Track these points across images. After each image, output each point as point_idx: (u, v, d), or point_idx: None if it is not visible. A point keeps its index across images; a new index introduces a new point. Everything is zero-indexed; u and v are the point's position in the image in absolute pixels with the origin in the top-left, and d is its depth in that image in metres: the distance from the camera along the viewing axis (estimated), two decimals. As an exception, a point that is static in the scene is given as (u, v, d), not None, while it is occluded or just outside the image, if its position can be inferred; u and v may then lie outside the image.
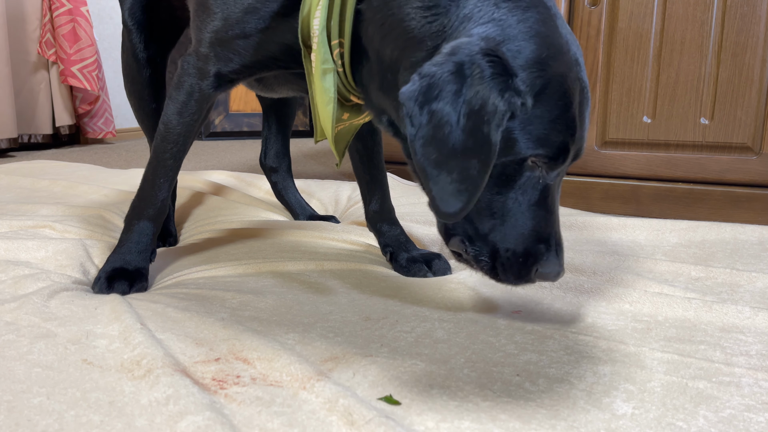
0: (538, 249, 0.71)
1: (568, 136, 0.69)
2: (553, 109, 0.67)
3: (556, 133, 0.68)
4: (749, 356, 0.76)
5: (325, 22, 0.79)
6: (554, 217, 0.73)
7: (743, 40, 1.48)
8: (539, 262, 0.71)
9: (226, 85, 0.96)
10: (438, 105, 0.64)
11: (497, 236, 0.72)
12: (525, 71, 0.66)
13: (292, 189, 1.51)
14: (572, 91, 0.69)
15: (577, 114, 0.70)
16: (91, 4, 3.43)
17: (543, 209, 0.72)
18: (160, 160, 1.00)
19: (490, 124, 0.64)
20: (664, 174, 1.60)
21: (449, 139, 0.64)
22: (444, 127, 0.64)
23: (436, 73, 0.65)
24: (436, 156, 0.65)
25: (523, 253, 0.71)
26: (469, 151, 0.64)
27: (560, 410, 0.63)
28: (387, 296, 0.95)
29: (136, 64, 1.21)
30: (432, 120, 0.64)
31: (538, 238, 0.71)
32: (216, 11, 0.89)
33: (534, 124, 0.68)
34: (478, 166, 0.64)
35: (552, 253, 0.71)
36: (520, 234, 0.71)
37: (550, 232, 0.72)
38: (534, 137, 0.67)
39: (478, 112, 0.64)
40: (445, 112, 0.64)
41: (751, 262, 1.12)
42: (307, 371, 0.69)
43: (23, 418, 0.60)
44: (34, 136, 3.19)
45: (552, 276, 0.72)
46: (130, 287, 0.96)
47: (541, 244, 0.71)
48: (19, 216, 1.38)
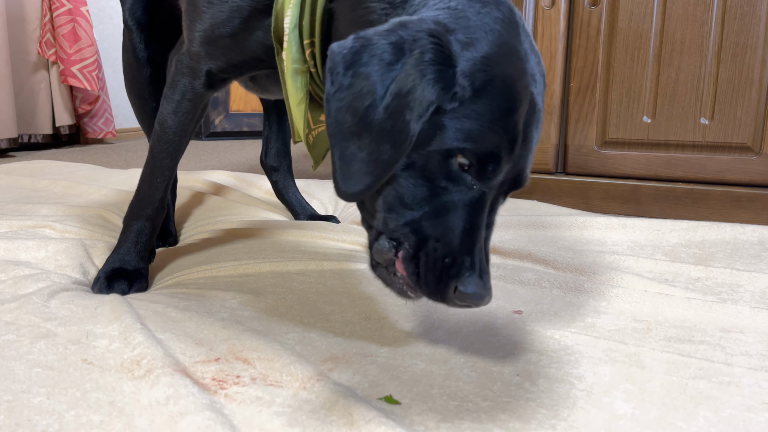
0: (461, 260, 0.63)
1: (504, 144, 0.63)
2: (493, 110, 0.62)
3: (491, 134, 0.62)
4: (749, 356, 0.76)
5: (297, 21, 0.78)
6: (479, 236, 0.64)
7: (743, 40, 1.48)
8: (460, 277, 0.62)
9: (218, 84, 0.97)
10: (366, 70, 0.60)
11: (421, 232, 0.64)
12: (469, 63, 0.62)
13: (292, 188, 1.51)
14: (519, 99, 0.64)
15: (520, 126, 0.64)
16: (91, 4, 3.43)
17: (472, 219, 0.64)
18: (156, 159, 1.00)
19: (413, 112, 0.60)
20: (664, 174, 1.60)
21: (368, 112, 0.60)
22: (365, 97, 0.60)
23: (375, 39, 0.61)
24: (349, 126, 0.61)
25: (443, 259, 0.63)
26: (386, 134, 0.60)
27: (560, 410, 0.63)
28: (387, 296, 0.95)
29: (137, 63, 1.21)
30: (355, 85, 0.61)
31: (463, 248, 0.63)
32: (204, 11, 0.89)
33: (469, 118, 0.62)
34: (390, 151, 0.60)
35: (475, 273, 0.62)
36: (444, 234, 0.63)
37: (473, 250, 0.63)
38: (465, 131, 0.62)
39: (406, 96, 0.60)
40: (372, 81, 0.60)
41: (751, 262, 1.12)
42: (307, 371, 0.69)
43: (23, 418, 0.60)
44: (34, 136, 3.19)
45: (473, 298, 0.62)
46: (130, 287, 0.97)
47: (466, 257, 0.63)
48: (19, 216, 1.38)
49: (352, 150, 0.61)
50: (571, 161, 1.69)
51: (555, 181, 1.71)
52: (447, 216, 0.64)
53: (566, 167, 1.70)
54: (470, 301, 0.63)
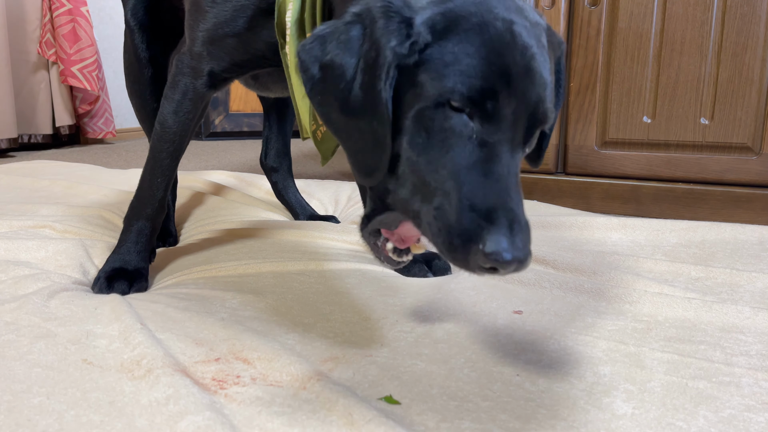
0: (477, 223, 0.55)
1: (494, 75, 0.57)
2: (467, 45, 0.58)
3: (474, 68, 0.57)
4: (749, 356, 0.76)
5: (299, 14, 0.78)
6: (502, 186, 0.57)
7: (743, 40, 1.48)
8: (479, 240, 0.55)
9: (219, 84, 0.97)
10: (331, 58, 0.60)
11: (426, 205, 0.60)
12: (426, 13, 0.59)
13: (292, 189, 1.51)
14: (495, 31, 0.59)
15: (508, 56, 0.58)
16: (91, 4, 3.43)
17: (483, 173, 0.58)
18: (156, 159, 1.00)
19: (381, 80, 0.58)
20: (664, 174, 1.60)
21: (345, 97, 0.60)
22: (338, 83, 0.60)
23: (332, 27, 0.61)
24: (337, 116, 0.61)
25: (456, 227, 0.56)
26: (369, 111, 0.59)
27: (560, 410, 0.63)
28: (387, 296, 0.95)
29: (138, 63, 1.21)
30: (326, 76, 0.60)
31: (477, 209, 0.56)
32: (208, 10, 0.90)
33: (443, 62, 0.58)
34: (379, 127, 0.59)
35: (500, 229, 0.54)
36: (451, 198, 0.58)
37: (495, 203, 0.56)
38: (445, 75, 0.58)
39: (372, 67, 0.59)
40: (339, 66, 0.60)
41: (751, 262, 1.12)
42: (307, 371, 0.69)
43: (23, 418, 0.60)
44: (34, 136, 3.19)
45: (498, 258, 0.54)
46: (130, 287, 0.97)
47: (482, 219, 0.56)
48: (19, 216, 1.38)
49: (351, 137, 0.61)
50: (571, 161, 1.69)
51: (555, 181, 1.71)
52: (458, 173, 0.58)
53: (566, 167, 1.70)
54: (496, 263, 0.54)
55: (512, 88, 0.59)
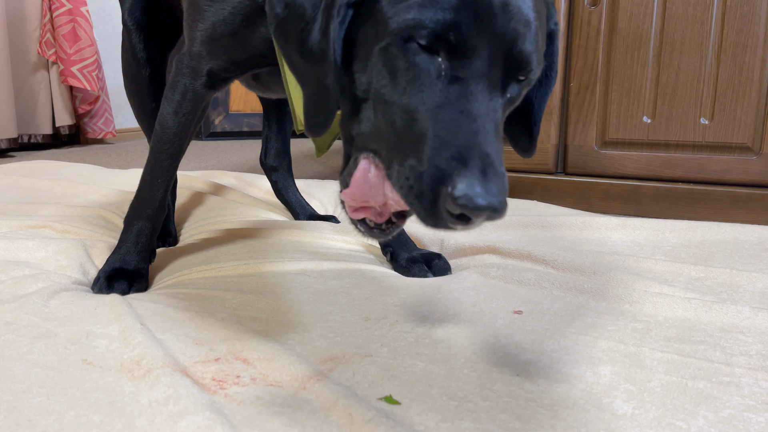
0: (447, 164, 0.51)
1: (461, 7, 0.53)
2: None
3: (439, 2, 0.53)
4: (749, 356, 0.76)
5: None
6: (477, 126, 0.52)
7: (743, 40, 1.48)
8: (449, 182, 0.50)
9: (219, 84, 0.97)
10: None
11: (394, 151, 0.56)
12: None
13: (292, 188, 1.51)
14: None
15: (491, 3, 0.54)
16: (91, 4, 3.43)
17: (456, 111, 0.53)
18: (157, 160, 1.01)
19: (333, 16, 0.56)
20: (664, 174, 1.60)
21: (305, 38, 0.58)
22: (299, 22, 0.58)
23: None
24: (297, 59, 0.59)
25: (426, 171, 0.52)
26: (324, 55, 0.57)
27: (560, 410, 0.63)
28: (387, 296, 0.95)
29: (136, 63, 1.21)
30: (289, 15, 0.59)
31: (447, 149, 0.51)
32: (205, 9, 0.89)
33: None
34: (328, 72, 0.57)
35: (472, 171, 0.50)
36: (418, 140, 0.53)
37: (467, 143, 0.51)
38: (406, 7, 0.54)
39: (330, 5, 0.57)
40: (299, 4, 0.59)
41: (751, 262, 1.12)
42: (307, 371, 0.69)
43: (23, 418, 0.60)
44: (34, 136, 3.19)
45: (468, 202, 0.49)
46: (130, 287, 0.97)
47: (453, 160, 0.51)
48: (19, 216, 1.38)
49: (308, 82, 0.59)
50: (571, 161, 1.69)
51: (555, 181, 1.71)
52: (426, 112, 0.54)
53: (566, 167, 1.70)
54: (466, 209, 0.49)
55: (484, 20, 0.54)
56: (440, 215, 0.51)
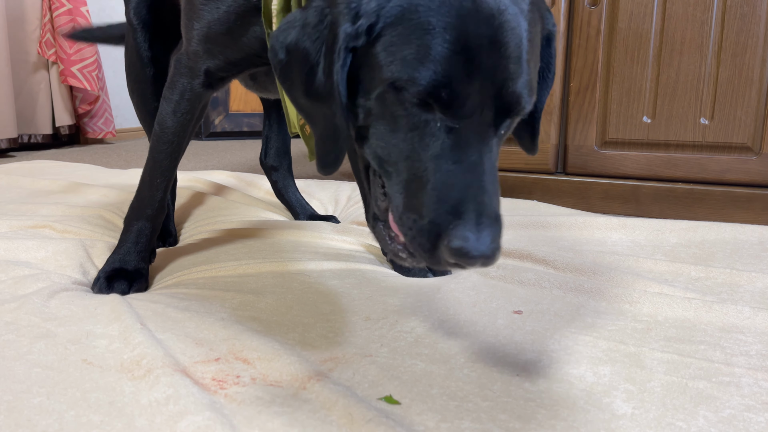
0: (443, 217, 0.53)
1: (448, 59, 0.54)
2: (417, 27, 0.55)
3: (426, 53, 0.54)
4: (749, 356, 0.76)
5: (284, 3, 0.78)
6: (471, 176, 0.55)
7: (743, 40, 1.48)
8: (444, 233, 0.53)
9: (217, 84, 0.97)
10: (296, 42, 0.60)
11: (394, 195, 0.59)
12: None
13: (292, 188, 1.51)
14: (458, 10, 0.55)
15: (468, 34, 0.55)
16: (91, 4, 3.43)
17: (451, 162, 0.55)
18: (156, 160, 1.01)
19: (334, 60, 0.57)
20: (664, 174, 1.60)
21: (310, 80, 0.60)
22: (303, 66, 0.60)
23: (300, 13, 0.61)
24: (303, 101, 0.61)
25: (425, 222, 0.55)
26: (330, 95, 0.58)
27: (560, 410, 0.63)
28: (387, 296, 0.95)
29: (140, 63, 1.21)
30: (292, 60, 0.60)
31: (444, 202, 0.54)
32: (201, 9, 0.90)
33: (395, 46, 0.55)
34: (336, 111, 0.58)
35: (466, 224, 0.52)
36: (417, 192, 0.56)
37: (462, 194, 0.54)
38: (397, 60, 0.55)
39: (331, 50, 0.58)
40: (303, 49, 0.60)
41: (751, 262, 1.12)
42: (307, 371, 0.69)
43: (23, 418, 0.60)
44: (34, 136, 3.19)
45: (462, 254, 0.52)
46: (130, 287, 0.97)
47: (449, 213, 0.53)
48: (19, 216, 1.38)
49: (316, 122, 0.61)
50: (571, 161, 1.69)
51: (555, 181, 1.71)
52: (421, 167, 0.56)
53: (566, 167, 1.70)
54: (460, 260, 0.53)
55: (476, 67, 0.54)
56: (440, 262, 0.55)
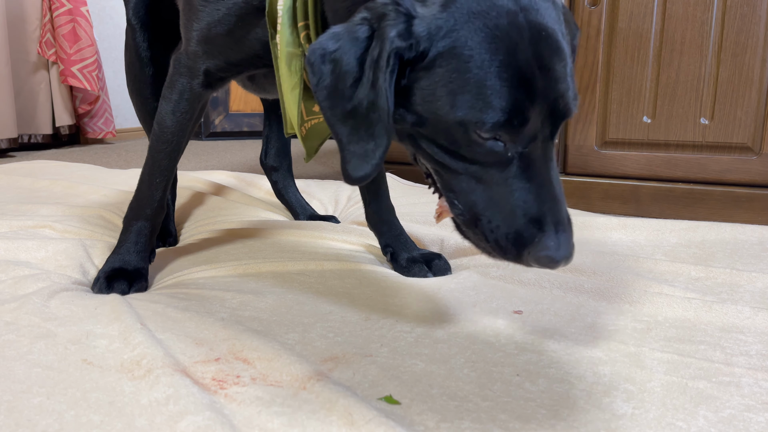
0: (527, 229, 0.60)
1: (519, 93, 0.58)
2: (478, 61, 0.59)
3: (495, 91, 0.58)
4: (749, 356, 0.76)
5: (291, 3, 0.78)
6: (546, 190, 0.61)
7: (743, 40, 1.48)
8: (530, 245, 0.60)
9: (216, 84, 0.97)
10: (339, 53, 0.62)
11: (478, 204, 0.64)
12: (429, 14, 0.60)
13: (292, 188, 1.51)
14: (509, 37, 0.59)
15: (531, 62, 0.59)
16: (91, 4, 3.42)
17: (527, 182, 0.61)
18: (155, 160, 1.01)
19: (383, 70, 0.59)
20: (664, 174, 1.60)
21: (351, 92, 0.62)
22: (346, 77, 0.62)
23: (342, 28, 0.63)
24: (341, 111, 0.62)
25: (509, 230, 0.61)
26: (373, 106, 0.61)
27: (560, 410, 0.63)
28: (387, 296, 0.95)
29: (140, 62, 1.21)
30: (335, 70, 0.62)
31: (526, 215, 0.61)
32: (200, 9, 0.89)
33: (454, 81, 0.59)
34: (380, 121, 0.61)
35: (547, 234, 0.59)
36: (501, 208, 0.62)
37: (542, 209, 0.61)
38: (463, 101, 0.59)
39: (377, 61, 0.60)
40: (346, 61, 0.61)
41: (751, 262, 1.12)
42: (307, 371, 0.69)
43: (23, 418, 0.60)
44: (34, 136, 3.19)
45: (549, 261, 0.60)
46: (130, 287, 0.97)
47: (532, 224, 0.60)
48: (19, 216, 1.38)
49: (352, 134, 0.62)
50: (571, 161, 1.69)
51: (555, 181, 1.71)
52: (492, 189, 0.62)
53: (566, 167, 1.70)
54: (546, 265, 0.61)
55: (532, 97, 0.59)
56: (523, 263, 0.62)
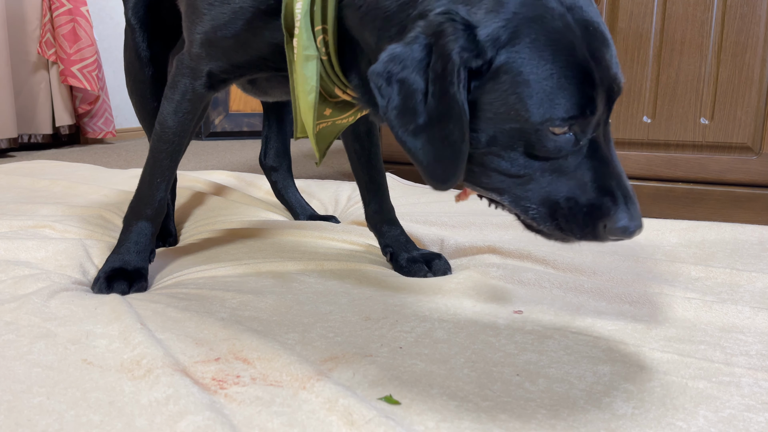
0: (602, 202, 0.65)
1: (585, 86, 0.63)
2: (542, 64, 0.63)
3: (565, 88, 0.63)
4: (749, 356, 0.76)
5: (309, 7, 0.78)
6: (612, 168, 0.66)
7: (743, 40, 1.48)
8: (606, 217, 0.64)
9: (218, 85, 0.97)
10: (405, 74, 0.64)
11: (553, 194, 0.67)
12: (488, 24, 0.63)
13: (292, 189, 1.51)
14: (565, 37, 0.63)
15: (587, 56, 0.63)
16: (91, 4, 3.42)
17: (595, 163, 0.66)
18: (156, 160, 1.01)
19: (454, 85, 0.62)
20: (664, 174, 1.60)
21: (421, 107, 0.64)
22: (414, 95, 0.64)
23: (402, 47, 0.65)
24: (414, 127, 0.65)
25: (585, 206, 0.65)
26: (445, 116, 0.63)
27: (560, 410, 0.63)
28: (387, 296, 0.95)
29: (139, 62, 1.21)
30: (402, 90, 0.64)
31: (600, 191, 0.65)
32: (205, 12, 0.89)
33: (522, 85, 0.63)
34: (455, 131, 0.63)
35: (620, 207, 0.64)
36: (576, 189, 0.66)
37: (611, 184, 0.65)
38: (537, 101, 0.63)
39: (443, 74, 0.62)
40: (412, 80, 0.64)
41: (751, 262, 1.12)
42: (307, 371, 0.69)
43: (23, 418, 0.60)
44: (34, 136, 3.19)
45: (625, 231, 0.64)
46: (130, 287, 0.96)
47: (606, 197, 0.65)
48: (19, 216, 1.38)
49: (426, 146, 0.65)
50: (571, 161, 1.69)
51: (555, 181, 1.71)
52: (567, 178, 0.66)
53: (566, 167, 1.70)
54: (622, 236, 0.65)
55: (595, 90, 0.64)
56: (600, 237, 0.66)
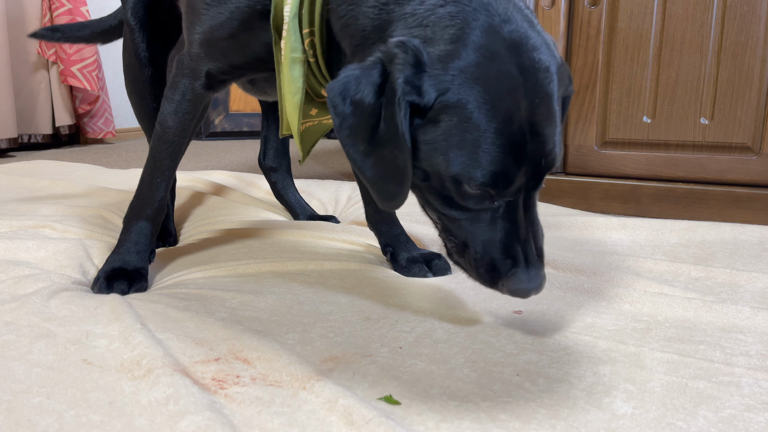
0: (503, 264, 0.68)
1: (507, 158, 0.64)
2: (476, 124, 0.64)
3: (488, 154, 0.64)
4: (749, 356, 0.76)
5: (297, 9, 0.79)
6: (522, 233, 0.68)
7: (743, 40, 1.48)
8: (504, 277, 0.68)
9: (218, 85, 0.97)
10: (360, 96, 0.66)
11: (470, 240, 0.71)
12: (437, 68, 0.65)
13: (291, 189, 1.50)
14: (509, 105, 0.64)
15: (525, 128, 0.65)
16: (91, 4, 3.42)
17: (507, 225, 0.69)
18: (156, 160, 1.01)
19: (396, 113, 0.64)
20: (664, 174, 1.60)
21: (373, 129, 0.66)
22: (367, 117, 0.66)
23: (360, 70, 0.66)
24: (364, 147, 0.67)
25: (488, 262, 0.69)
26: (392, 141, 0.65)
27: (560, 410, 0.63)
28: (387, 296, 0.95)
29: (138, 63, 1.21)
30: (356, 111, 0.66)
31: (504, 252, 0.68)
32: (203, 13, 0.89)
33: (453, 137, 0.65)
34: (400, 155, 0.65)
35: (519, 269, 0.67)
36: (487, 244, 0.69)
37: (516, 248, 0.68)
38: (459, 158, 0.65)
39: (391, 101, 0.64)
40: (367, 102, 0.65)
41: (751, 262, 1.12)
42: (307, 371, 0.69)
43: (23, 418, 0.60)
44: (34, 136, 3.18)
45: (518, 293, 0.68)
46: (130, 287, 0.97)
47: (508, 260, 0.68)
48: (19, 216, 1.38)
49: (375, 168, 0.67)
50: (571, 161, 1.69)
51: (555, 181, 1.71)
52: (480, 229, 0.69)
53: (566, 167, 1.70)
54: (517, 296, 0.68)
55: (521, 159, 0.65)
56: (501, 291, 0.70)
